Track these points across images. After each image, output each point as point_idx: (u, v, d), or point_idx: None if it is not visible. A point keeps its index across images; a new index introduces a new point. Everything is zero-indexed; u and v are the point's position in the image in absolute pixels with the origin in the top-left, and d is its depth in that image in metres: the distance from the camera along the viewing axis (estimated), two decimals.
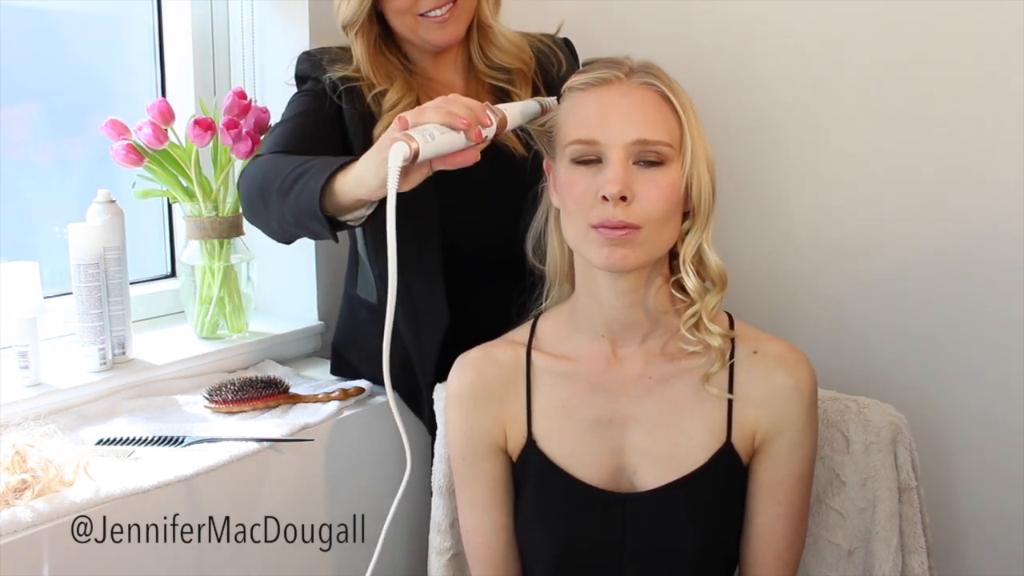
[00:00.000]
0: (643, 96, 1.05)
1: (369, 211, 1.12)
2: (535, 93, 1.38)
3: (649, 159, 1.03)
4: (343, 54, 1.37)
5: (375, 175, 1.03)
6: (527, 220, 1.21)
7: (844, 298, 1.57)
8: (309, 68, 1.38)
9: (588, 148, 1.04)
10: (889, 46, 1.47)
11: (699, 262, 1.09)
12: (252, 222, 1.32)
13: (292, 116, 1.35)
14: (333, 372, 1.56)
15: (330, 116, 1.34)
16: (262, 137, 1.53)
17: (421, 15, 1.30)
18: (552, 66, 1.41)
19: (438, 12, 1.29)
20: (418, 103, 1.29)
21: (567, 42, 1.47)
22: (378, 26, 1.35)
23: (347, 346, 1.53)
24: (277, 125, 1.37)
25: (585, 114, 1.06)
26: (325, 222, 1.12)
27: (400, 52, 1.39)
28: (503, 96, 1.39)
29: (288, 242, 1.31)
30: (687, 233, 1.08)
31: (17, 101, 1.55)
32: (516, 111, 1.12)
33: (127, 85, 1.72)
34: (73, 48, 1.67)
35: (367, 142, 1.26)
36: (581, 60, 1.43)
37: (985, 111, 1.41)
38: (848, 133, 1.53)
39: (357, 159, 1.09)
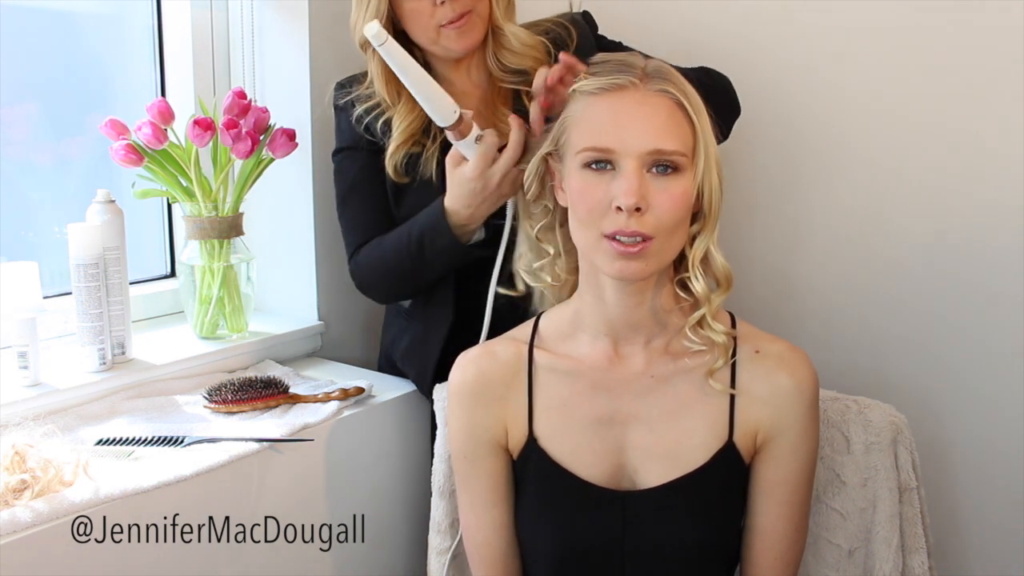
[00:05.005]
0: (658, 104, 1.03)
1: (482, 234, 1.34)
2: None
3: (663, 166, 1.02)
4: (370, 83, 1.44)
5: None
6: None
7: (845, 298, 1.57)
8: (340, 100, 1.47)
9: (601, 155, 1.03)
10: (899, 50, 1.47)
11: (705, 264, 1.08)
12: (391, 301, 1.53)
13: (348, 191, 1.48)
14: (380, 369, 1.63)
15: (372, 158, 1.44)
16: (261, 137, 1.53)
17: (441, 26, 1.35)
18: (566, 45, 1.41)
19: (455, 22, 1.34)
20: (423, 123, 1.38)
21: (585, 15, 1.48)
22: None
23: (390, 346, 1.58)
24: (342, 200, 1.49)
25: (599, 121, 1.04)
26: (479, 251, 1.33)
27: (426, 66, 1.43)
28: (519, 101, 1.41)
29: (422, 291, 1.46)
30: (696, 236, 1.08)
31: (17, 101, 1.55)
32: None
33: (127, 85, 1.72)
34: (73, 48, 1.67)
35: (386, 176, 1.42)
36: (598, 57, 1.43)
37: (992, 114, 1.41)
38: (854, 136, 1.53)
39: (445, 207, 1.29)
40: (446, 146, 1.33)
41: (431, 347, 1.45)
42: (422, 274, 1.38)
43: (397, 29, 1.38)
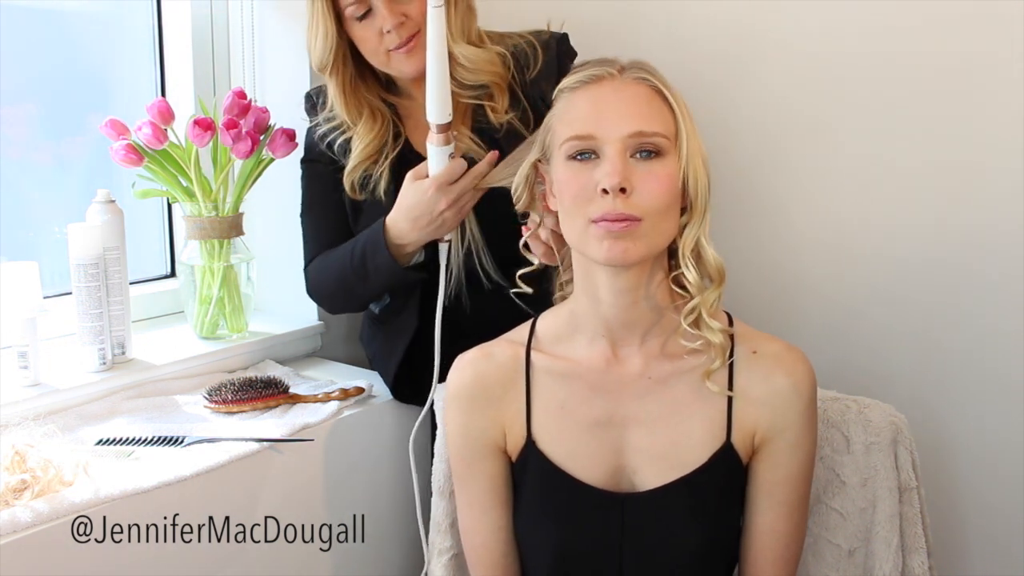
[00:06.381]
0: (637, 91, 1.05)
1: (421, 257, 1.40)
2: (512, 98, 1.42)
3: (646, 150, 1.03)
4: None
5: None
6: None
7: (845, 298, 1.57)
8: (307, 109, 1.52)
9: (584, 143, 1.04)
10: (892, 47, 1.47)
11: (697, 257, 1.09)
12: (339, 312, 1.57)
13: (308, 205, 1.53)
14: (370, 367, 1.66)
15: (333, 178, 1.47)
16: (261, 137, 1.54)
17: (390, 51, 1.36)
18: (527, 68, 1.43)
19: (403, 48, 1.35)
20: (381, 143, 1.41)
21: (561, 38, 1.47)
22: (353, 64, 1.42)
23: (366, 347, 1.63)
24: (302, 212, 1.53)
25: (580, 111, 1.06)
26: (413, 272, 1.38)
27: (381, 84, 1.46)
28: (481, 112, 1.41)
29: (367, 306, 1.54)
30: (685, 227, 1.08)
31: (17, 101, 1.55)
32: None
33: (127, 85, 1.72)
34: (73, 48, 1.67)
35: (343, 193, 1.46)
36: (579, 59, 1.43)
37: (986, 112, 1.41)
38: (849, 134, 1.53)
39: (386, 221, 1.34)
40: (395, 166, 1.39)
41: (394, 355, 1.48)
42: (365, 289, 1.42)
43: (354, 51, 1.40)
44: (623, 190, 1.01)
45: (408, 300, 1.46)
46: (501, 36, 1.44)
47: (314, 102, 1.49)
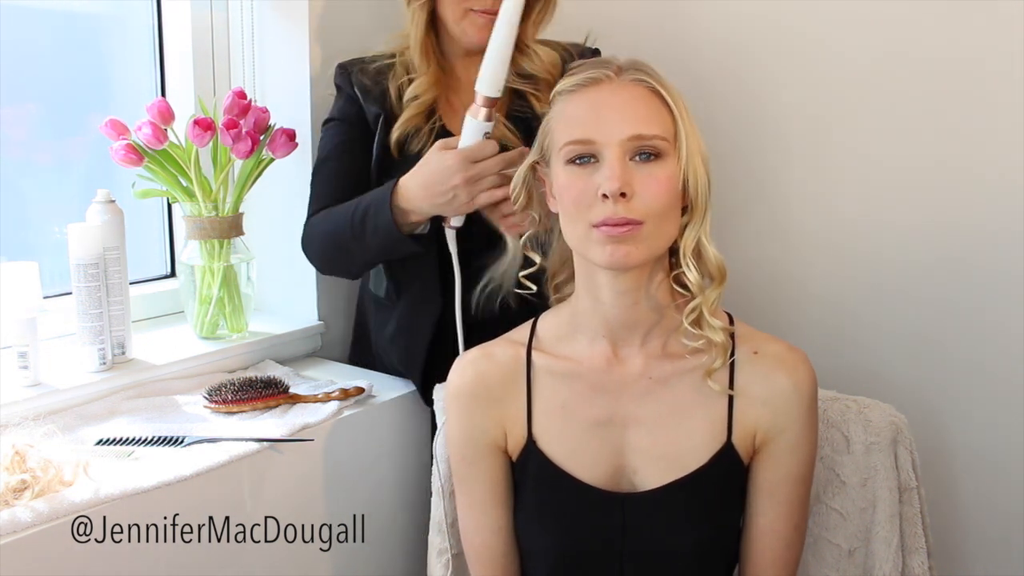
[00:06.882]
0: (634, 92, 1.05)
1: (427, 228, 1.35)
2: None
3: (646, 153, 1.03)
4: (373, 61, 1.48)
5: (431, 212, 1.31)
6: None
7: (845, 298, 1.57)
8: (340, 77, 1.50)
9: (583, 148, 1.04)
10: (892, 45, 1.47)
11: (698, 256, 1.09)
12: (329, 273, 1.55)
13: (322, 160, 1.50)
14: (350, 362, 1.65)
15: (358, 133, 1.46)
16: (261, 137, 1.54)
17: (471, 10, 1.35)
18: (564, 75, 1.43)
19: (486, 12, 1.34)
20: (434, 105, 1.39)
21: (594, 53, 1.49)
22: (431, 5, 1.40)
23: (360, 337, 1.61)
24: (315, 168, 1.51)
25: (578, 115, 1.06)
26: (411, 241, 1.33)
27: (438, 48, 1.45)
28: (518, 103, 1.41)
29: (360, 275, 1.52)
30: (685, 227, 1.08)
31: (17, 101, 1.55)
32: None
33: (127, 85, 1.72)
34: (73, 48, 1.67)
35: (388, 146, 1.43)
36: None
37: (987, 112, 1.41)
38: (850, 133, 1.53)
39: (398, 181, 1.30)
40: (440, 133, 1.38)
41: (421, 331, 1.45)
42: (358, 250, 1.38)
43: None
44: (623, 194, 1.01)
45: (427, 282, 1.43)
46: (544, 42, 1.45)
47: (348, 73, 1.48)
